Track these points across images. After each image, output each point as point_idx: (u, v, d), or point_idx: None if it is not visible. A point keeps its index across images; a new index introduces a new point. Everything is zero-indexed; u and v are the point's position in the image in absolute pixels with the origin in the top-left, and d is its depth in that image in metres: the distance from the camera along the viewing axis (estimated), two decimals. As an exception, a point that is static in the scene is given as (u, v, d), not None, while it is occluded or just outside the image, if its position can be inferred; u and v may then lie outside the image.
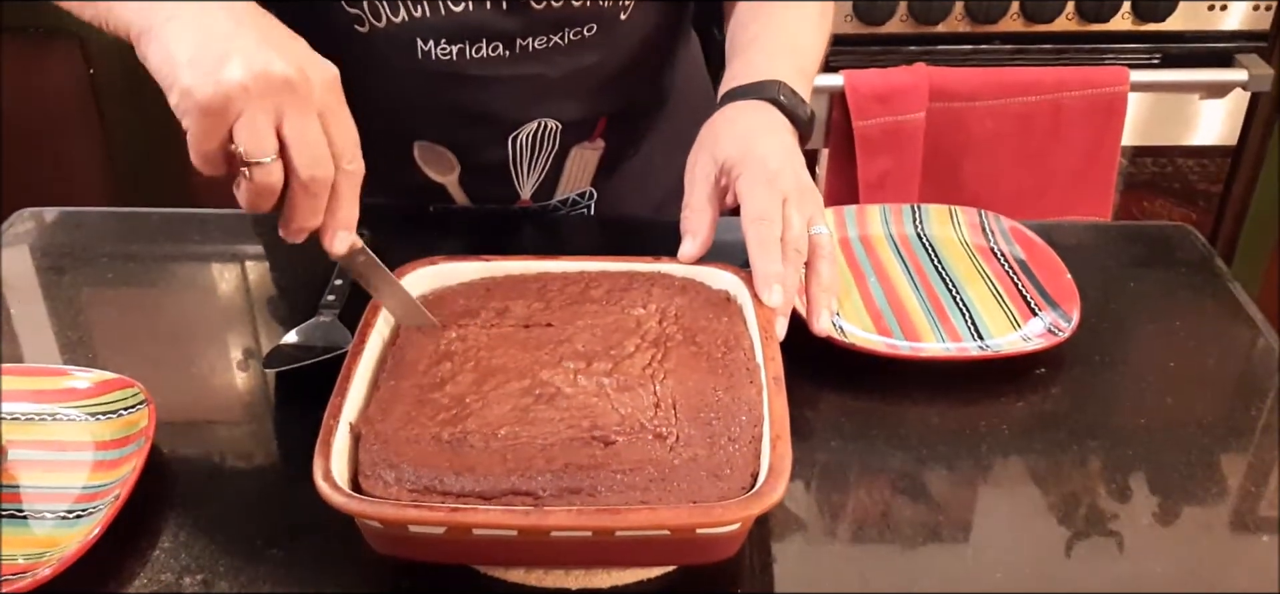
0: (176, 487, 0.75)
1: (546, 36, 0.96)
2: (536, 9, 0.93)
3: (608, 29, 0.98)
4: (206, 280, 1.00)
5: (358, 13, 0.91)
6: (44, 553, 0.67)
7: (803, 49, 0.96)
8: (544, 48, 0.96)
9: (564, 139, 1.04)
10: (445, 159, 1.04)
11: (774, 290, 0.78)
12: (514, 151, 1.03)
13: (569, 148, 1.05)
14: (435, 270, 0.83)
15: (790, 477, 0.63)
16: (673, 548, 0.66)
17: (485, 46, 0.95)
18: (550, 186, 1.08)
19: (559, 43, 0.97)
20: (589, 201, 1.11)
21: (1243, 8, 1.80)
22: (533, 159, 1.04)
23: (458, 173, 1.05)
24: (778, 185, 0.82)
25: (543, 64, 0.97)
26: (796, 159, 0.86)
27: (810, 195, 0.84)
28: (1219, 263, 1.01)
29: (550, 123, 1.02)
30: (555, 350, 0.75)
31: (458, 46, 0.94)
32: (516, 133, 1.02)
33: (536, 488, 0.64)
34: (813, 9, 1.00)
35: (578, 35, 0.97)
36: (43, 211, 1.08)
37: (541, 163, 1.05)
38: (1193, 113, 1.89)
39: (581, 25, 0.96)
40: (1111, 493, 0.76)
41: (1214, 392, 0.86)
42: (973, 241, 1.00)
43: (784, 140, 0.87)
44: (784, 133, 0.88)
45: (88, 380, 0.80)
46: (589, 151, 1.07)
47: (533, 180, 1.06)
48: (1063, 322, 0.88)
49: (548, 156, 1.05)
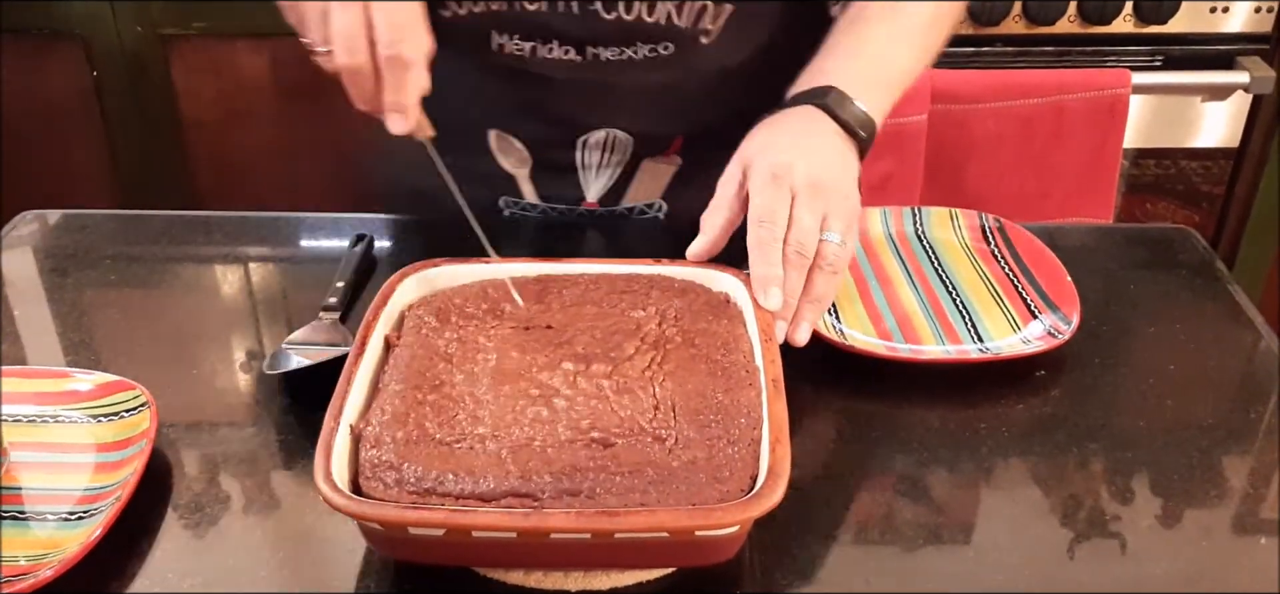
0: (178, 489, 0.76)
1: (618, 48, 0.95)
2: (606, 18, 0.92)
3: (686, 50, 0.95)
4: (209, 283, 1.01)
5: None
6: (45, 554, 0.68)
7: (885, 58, 0.92)
8: (615, 58, 0.95)
9: (635, 151, 1.03)
10: (518, 152, 1.04)
11: (769, 294, 0.78)
12: (582, 155, 1.03)
13: (640, 160, 1.04)
14: (436, 272, 0.83)
15: (789, 479, 0.64)
16: (672, 550, 0.66)
17: (556, 48, 0.95)
18: (617, 194, 1.07)
19: (632, 56, 0.95)
20: (658, 212, 1.09)
21: (1244, 10, 1.80)
22: (600, 165, 1.04)
23: (530, 167, 1.05)
24: (786, 183, 0.80)
25: (613, 74, 0.96)
26: (823, 156, 0.83)
27: (826, 195, 0.81)
28: (1220, 266, 1.01)
29: (619, 133, 1.02)
30: (555, 353, 0.75)
31: (530, 45, 0.95)
32: (585, 137, 1.02)
33: (536, 490, 0.64)
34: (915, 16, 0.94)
35: (652, 52, 0.95)
36: (46, 214, 1.08)
37: (610, 170, 1.04)
38: (1195, 115, 1.89)
39: (655, 42, 0.94)
40: (1112, 495, 0.76)
41: (1214, 394, 0.86)
42: (973, 244, 1.00)
43: (817, 142, 0.84)
44: (825, 137, 0.85)
45: (89, 383, 0.80)
46: (662, 166, 1.05)
47: (600, 185, 1.06)
48: (1063, 324, 0.88)
49: (617, 165, 1.04)
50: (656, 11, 0.92)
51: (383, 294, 0.80)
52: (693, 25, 0.93)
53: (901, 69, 0.92)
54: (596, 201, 1.07)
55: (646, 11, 0.92)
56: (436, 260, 0.84)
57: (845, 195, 0.82)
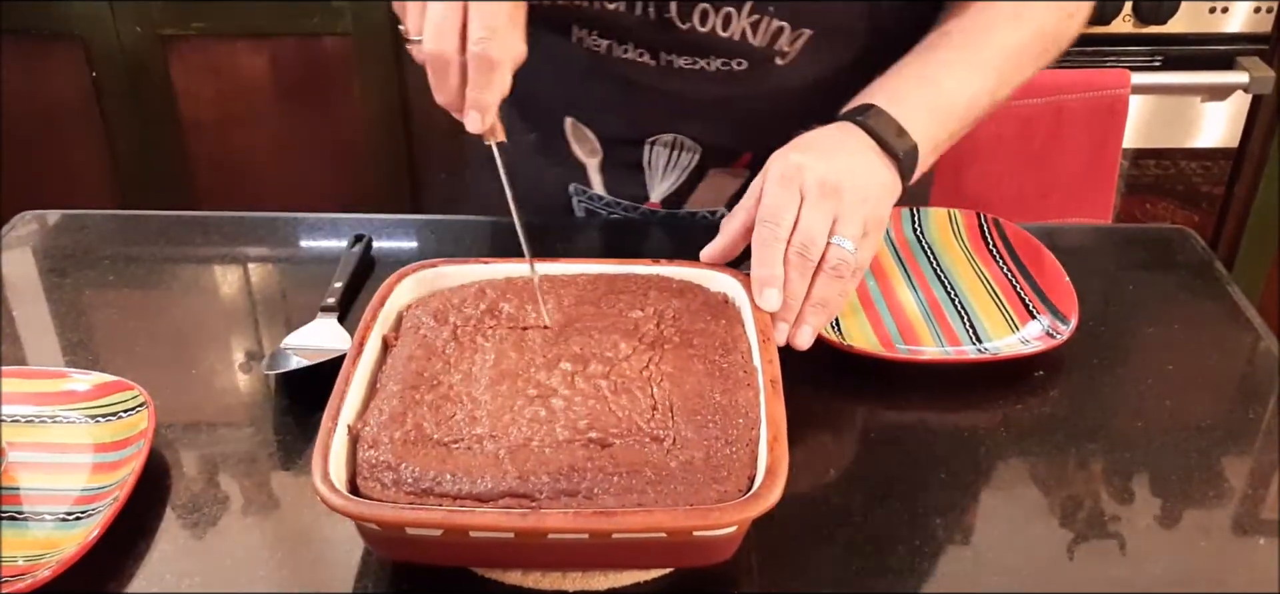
0: (176, 489, 0.76)
1: (691, 58, 0.95)
2: (680, 28, 0.92)
3: (761, 69, 0.95)
4: (207, 283, 1.01)
5: None
6: (43, 554, 0.68)
7: (944, 85, 0.89)
8: (689, 68, 0.96)
9: (702, 160, 1.04)
10: (591, 142, 1.06)
11: (766, 294, 0.77)
12: (649, 155, 1.04)
13: (707, 169, 1.04)
14: (434, 273, 0.83)
15: (788, 479, 0.64)
16: (670, 550, 0.66)
17: (631, 49, 0.96)
18: (680, 198, 1.07)
19: (705, 68, 0.95)
20: (721, 218, 1.07)
21: (1244, 10, 1.80)
22: (667, 167, 1.04)
23: (600, 158, 1.06)
24: (795, 183, 0.79)
25: (685, 83, 0.97)
26: (842, 160, 0.82)
27: (840, 199, 0.79)
28: (1218, 266, 1.01)
29: (687, 140, 1.02)
30: (552, 353, 0.75)
31: (607, 42, 0.96)
32: (654, 138, 1.02)
33: (533, 490, 0.64)
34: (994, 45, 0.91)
35: (725, 66, 0.95)
36: (45, 214, 1.08)
37: (675, 175, 1.05)
38: (1195, 115, 1.89)
39: (729, 57, 0.94)
40: (1111, 495, 0.76)
41: (1213, 394, 0.86)
42: (971, 244, 1.00)
43: (843, 152, 0.83)
44: (856, 151, 0.83)
45: (87, 383, 0.80)
46: (728, 178, 1.05)
47: (664, 188, 1.06)
48: (1061, 324, 0.88)
49: (683, 171, 1.05)
50: (732, 28, 0.92)
51: (381, 294, 0.80)
52: (768, 45, 0.93)
53: (966, 96, 0.89)
54: (659, 203, 1.07)
55: (721, 26, 0.92)
56: (434, 261, 0.84)
57: (862, 200, 0.80)
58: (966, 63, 0.90)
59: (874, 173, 0.83)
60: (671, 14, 0.92)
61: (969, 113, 0.90)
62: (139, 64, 1.95)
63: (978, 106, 0.90)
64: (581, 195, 1.10)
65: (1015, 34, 0.92)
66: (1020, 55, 0.92)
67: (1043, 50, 0.94)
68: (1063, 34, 0.95)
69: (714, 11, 0.91)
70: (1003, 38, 0.91)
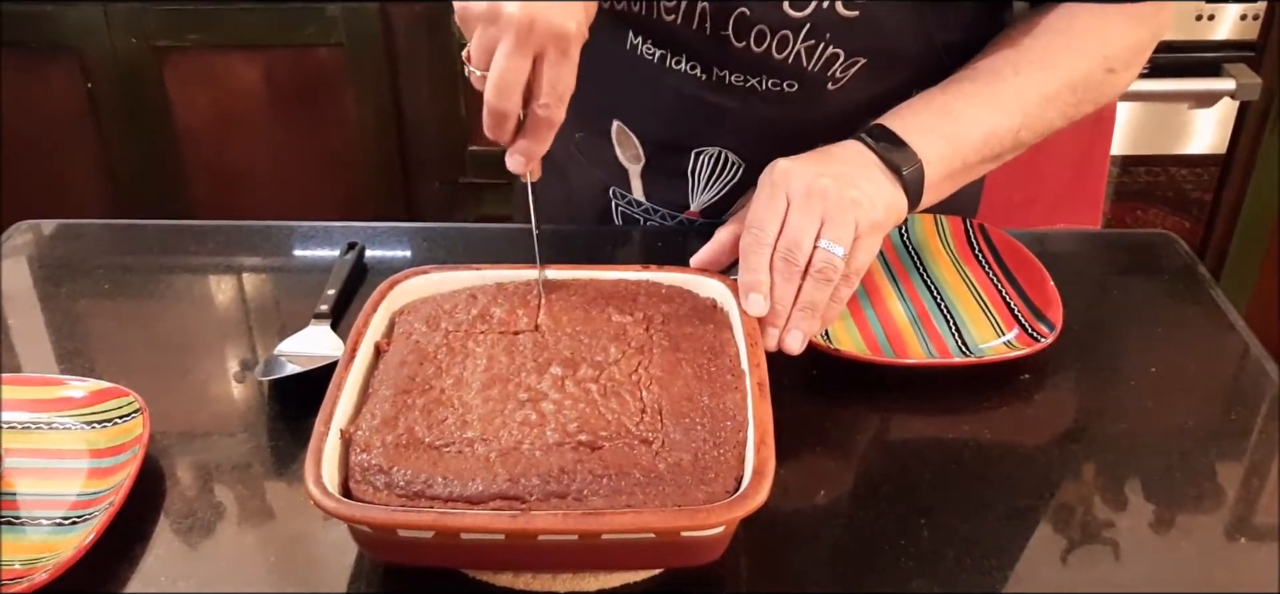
0: (170, 494, 0.76)
1: (743, 76, 0.96)
2: (736, 46, 0.93)
3: (812, 92, 0.95)
4: (202, 291, 1.01)
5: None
6: (39, 559, 0.68)
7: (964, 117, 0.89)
8: (740, 86, 0.96)
9: (746, 176, 1.04)
10: (635, 148, 1.06)
11: (751, 299, 0.78)
12: (694, 165, 1.04)
13: (748, 185, 1.02)
14: (425, 280, 0.84)
15: (775, 481, 0.64)
16: (658, 551, 0.67)
17: (685, 62, 0.97)
18: (720, 209, 1.07)
19: (756, 86, 0.96)
20: None
21: (1231, 18, 1.81)
22: (710, 180, 1.05)
23: (642, 165, 1.06)
24: (782, 190, 0.80)
25: (736, 100, 0.97)
26: (834, 166, 0.82)
27: (828, 203, 0.79)
28: (1202, 270, 1.02)
29: (732, 155, 1.02)
30: (542, 356, 0.76)
31: (660, 52, 0.97)
32: (700, 151, 1.03)
33: (523, 492, 0.65)
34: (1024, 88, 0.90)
35: (776, 86, 0.95)
36: (41, 224, 1.09)
37: (717, 187, 1.05)
38: (1183, 122, 1.91)
39: (781, 78, 0.95)
40: (1096, 497, 0.77)
41: (1196, 397, 0.87)
42: (957, 249, 1.01)
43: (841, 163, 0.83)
44: (856, 164, 0.84)
45: (83, 389, 0.81)
46: None
47: (705, 198, 1.06)
48: (1046, 328, 0.89)
49: (725, 184, 1.05)
50: (787, 51, 0.92)
51: (373, 301, 0.81)
52: (822, 71, 0.94)
53: (983, 130, 0.89)
54: (699, 212, 1.08)
55: (776, 49, 0.92)
56: (426, 267, 0.85)
57: (852, 203, 0.80)
58: (987, 98, 0.90)
59: (871, 181, 0.83)
60: (728, 31, 0.92)
61: (986, 146, 0.89)
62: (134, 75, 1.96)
63: (997, 142, 0.90)
64: (621, 199, 1.11)
65: (1043, 78, 0.91)
66: (1047, 101, 0.91)
67: (1076, 102, 0.92)
68: (1100, 87, 0.93)
69: (771, 34, 0.91)
70: (1033, 81, 0.91)
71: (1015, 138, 0.90)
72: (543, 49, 0.73)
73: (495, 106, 0.74)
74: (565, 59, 0.74)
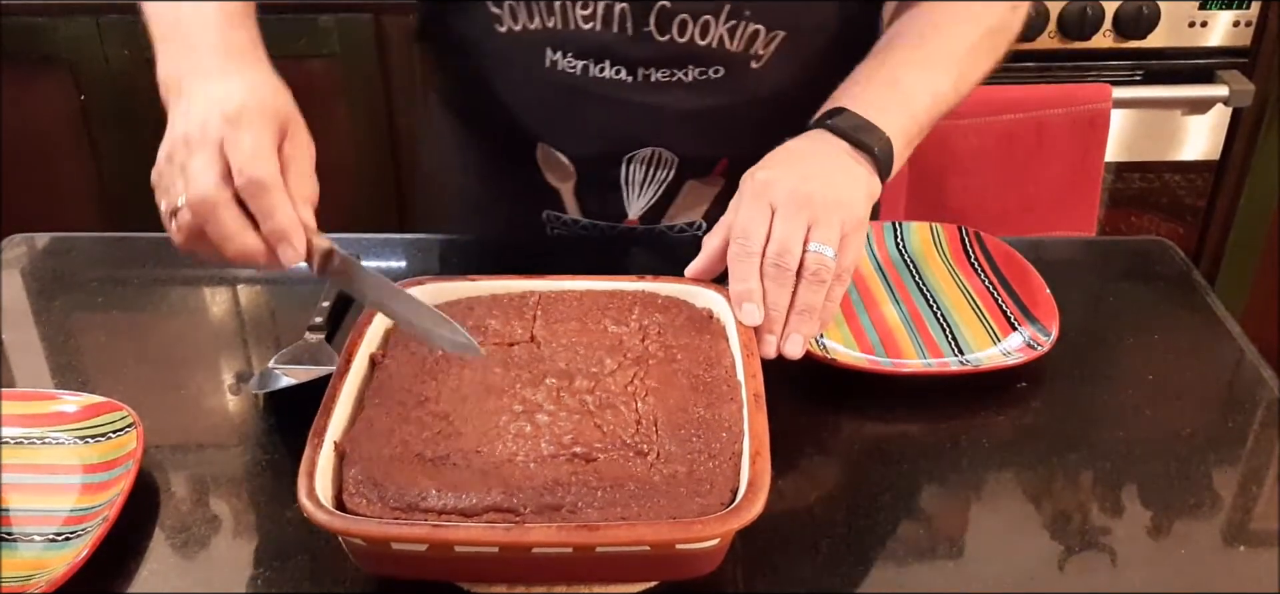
0: (164, 509, 0.76)
1: (669, 70, 0.96)
2: (659, 40, 0.94)
3: (737, 74, 0.97)
4: (195, 304, 1.01)
5: (498, 13, 0.94)
6: (32, 575, 0.68)
7: (906, 83, 0.91)
8: (666, 80, 0.97)
9: (680, 171, 1.04)
10: (563, 166, 1.05)
11: (745, 309, 0.78)
12: (627, 172, 1.04)
13: (685, 180, 1.05)
14: (421, 291, 0.84)
15: (771, 492, 0.64)
16: (653, 563, 0.66)
17: (608, 68, 0.96)
18: (658, 212, 1.07)
19: (682, 78, 0.96)
20: (698, 230, 1.09)
21: (1224, 25, 1.82)
22: (644, 183, 1.05)
23: (574, 182, 1.06)
24: (765, 198, 0.80)
25: (664, 96, 0.98)
26: (814, 167, 0.83)
27: (814, 206, 0.80)
28: (1197, 276, 1.02)
29: (666, 153, 1.03)
30: (537, 368, 0.76)
31: (582, 63, 0.96)
32: (631, 155, 1.03)
33: (518, 504, 0.64)
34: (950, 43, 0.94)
35: (702, 75, 0.96)
36: (34, 237, 1.09)
37: (653, 189, 1.05)
38: (1176, 128, 1.91)
39: (706, 65, 0.96)
40: (1093, 504, 0.77)
41: (1192, 404, 0.87)
42: (953, 257, 1.01)
43: (817, 160, 0.84)
44: (829, 155, 0.85)
45: (76, 404, 0.80)
46: (705, 187, 1.06)
47: (642, 203, 1.07)
48: (1042, 336, 0.89)
49: (660, 184, 1.05)
50: (710, 35, 0.93)
51: (368, 313, 0.81)
52: (744, 50, 0.95)
53: (929, 94, 0.91)
54: (637, 219, 1.08)
55: (699, 35, 0.93)
56: (421, 278, 0.85)
57: (837, 205, 0.81)
58: (924, 62, 0.93)
59: (848, 174, 0.84)
60: (650, 27, 0.93)
61: (933, 110, 0.92)
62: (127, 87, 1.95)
63: (941, 103, 0.92)
64: (556, 222, 1.10)
65: (966, 31, 0.94)
66: (974, 52, 0.94)
67: (993, 46, 0.96)
68: (1010, 28, 0.98)
69: (693, 20, 0.92)
70: (955, 36, 0.94)
71: (955, 93, 0.93)
72: (222, 136, 0.72)
73: (196, 196, 0.72)
74: (240, 124, 0.72)
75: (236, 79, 0.76)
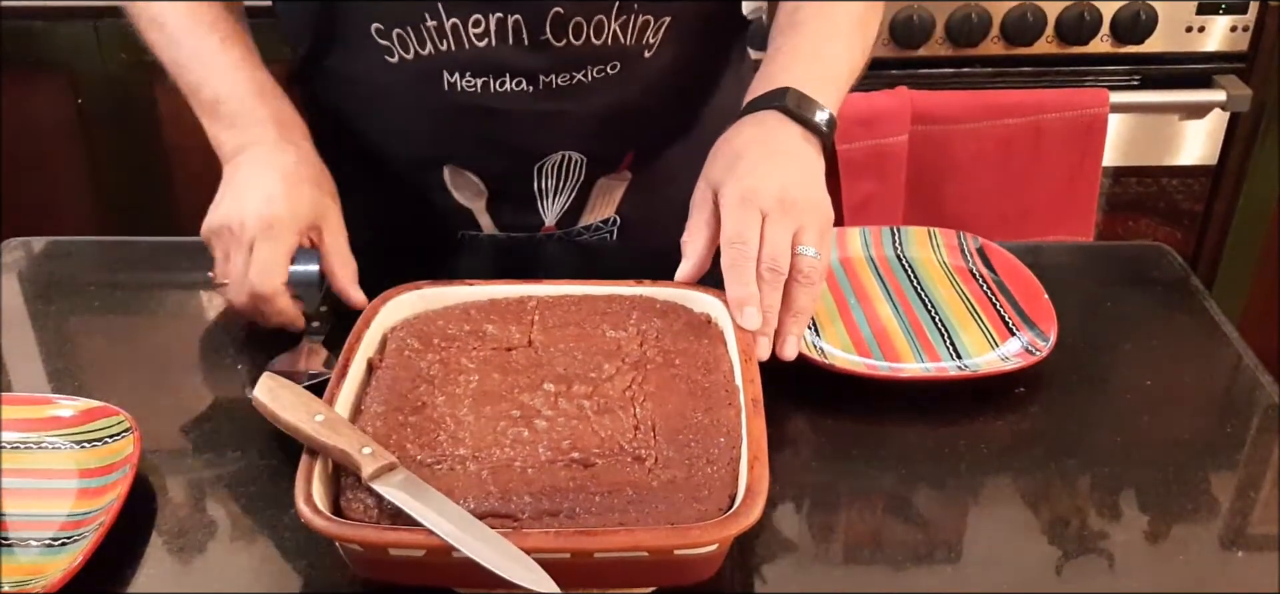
0: (161, 513, 0.76)
1: (569, 74, 0.96)
2: (557, 46, 0.94)
3: (631, 66, 0.98)
4: (193, 308, 1.01)
5: (388, 45, 0.94)
6: (28, 581, 0.68)
7: (826, 56, 0.95)
8: (567, 85, 0.97)
9: (589, 171, 1.05)
10: (473, 185, 1.05)
11: (746, 313, 0.79)
12: (539, 180, 1.04)
13: (595, 179, 1.06)
14: (418, 295, 0.84)
15: (769, 498, 0.64)
16: (651, 569, 0.66)
17: (509, 81, 0.96)
18: (574, 214, 1.08)
19: (582, 80, 0.97)
20: (612, 228, 1.10)
21: (1221, 30, 1.82)
22: (557, 188, 1.05)
23: (485, 199, 1.06)
24: (755, 203, 0.81)
25: (566, 100, 0.98)
26: (791, 169, 0.85)
27: (799, 210, 0.82)
28: (1194, 281, 1.02)
29: (575, 155, 1.03)
30: (535, 374, 0.76)
31: (482, 80, 0.96)
32: (542, 163, 1.03)
33: (515, 510, 0.64)
34: (845, 16, 0.98)
35: (601, 73, 0.97)
36: (30, 241, 1.09)
37: (567, 192, 1.06)
38: (1173, 133, 1.91)
39: (603, 63, 0.97)
40: (1090, 509, 0.77)
41: (1189, 409, 0.87)
42: (951, 262, 1.01)
43: (781, 153, 0.86)
44: (788, 142, 0.87)
45: (72, 409, 0.80)
46: (614, 182, 1.07)
47: (557, 208, 1.07)
48: (1040, 341, 0.89)
49: (573, 187, 1.05)
50: (603, 34, 0.95)
51: (365, 317, 0.81)
52: (636, 42, 0.97)
53: (845, 66, 0.96)
54: (554, 225, 1.08)
55: (594, 35, 0.94)
56: (419, 283, 0.85)
57: (815, 205, 0.84)
58: (830, 35, 0.97)
59: (813, 168, 0.87)
60: (546, 36, 0.93)
61: (851, 77, 0.96)
62: (124, 91, 1.95)
63: (855, 71, 0.97)
64: (472, 242, 1.09)
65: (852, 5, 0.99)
66: (863, 20, 0.99)
67: (876, 10, 1.02)
68: None
69: (586, 22, 0.94)
70: (845, 9, 0.98)
71: (864, 61, 0.99)
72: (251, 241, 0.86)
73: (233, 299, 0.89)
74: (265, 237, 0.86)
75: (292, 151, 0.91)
